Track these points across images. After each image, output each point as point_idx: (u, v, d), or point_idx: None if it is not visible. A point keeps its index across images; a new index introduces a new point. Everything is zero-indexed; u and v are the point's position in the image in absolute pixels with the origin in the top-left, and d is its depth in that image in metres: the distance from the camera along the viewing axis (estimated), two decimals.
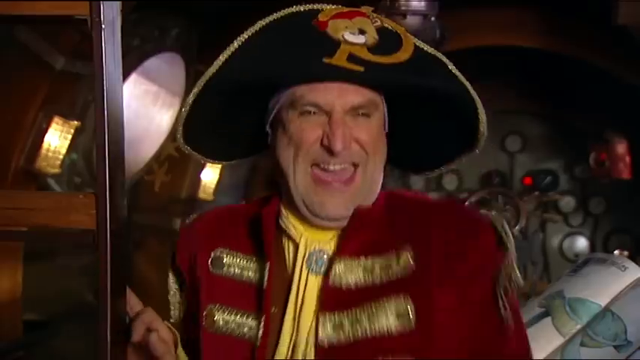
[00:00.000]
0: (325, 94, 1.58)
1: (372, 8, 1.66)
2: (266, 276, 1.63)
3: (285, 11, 1.64)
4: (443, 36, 4.50)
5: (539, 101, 8.43)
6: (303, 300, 1.62)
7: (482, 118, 1.64)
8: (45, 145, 4.50)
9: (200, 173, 6.68)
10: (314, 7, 1.64)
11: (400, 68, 1.58)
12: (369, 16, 1.63)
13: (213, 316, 1.66)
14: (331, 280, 1.60)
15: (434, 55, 1.65)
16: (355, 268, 1.61)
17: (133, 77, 5.40)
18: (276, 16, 1.64)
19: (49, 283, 5.23)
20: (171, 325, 1.69)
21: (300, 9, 1.64)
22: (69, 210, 1.53)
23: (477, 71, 8.60)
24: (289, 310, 1.62)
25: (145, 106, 5.78)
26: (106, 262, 1.51)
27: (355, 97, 1.59)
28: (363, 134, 1.60)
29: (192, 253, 1.74)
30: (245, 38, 1.62)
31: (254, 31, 1.63)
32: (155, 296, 1.85)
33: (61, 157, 4.60)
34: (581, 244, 9.08)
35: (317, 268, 1.63)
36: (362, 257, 1.61)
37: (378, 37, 1.59)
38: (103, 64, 1.49)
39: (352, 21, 1.60)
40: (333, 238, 1.65)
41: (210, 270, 1.70)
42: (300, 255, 1.64)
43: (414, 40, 1.64)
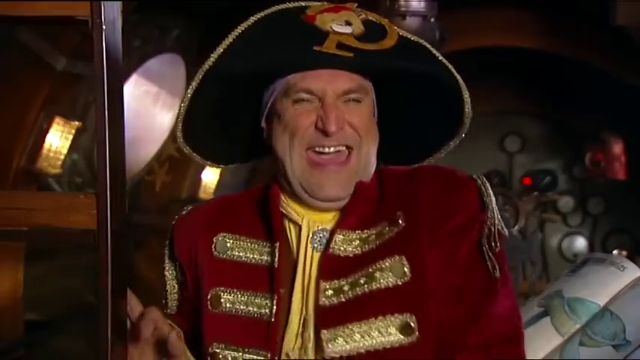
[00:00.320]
0: (317, 80, 1.64)
1: (357, 4, 1.73)
2: (277, 255, 1.68)
3: (275, 8, 1.70)
4: (442, 37, 4.50)
5: (539, 102, 8.44)
6: (309, 277, 1.67)
7: (466, 98, 1.70)
8: (46, 145, 4.51)
9: (201, 173, 6.69)
10: (301, 4, 1.71)
11: (387, 54, 1.65)
12: (354, 10, 1.70)
13: (219, 298, 1.70)
14: (330, 250, 1.65)
15: (417, 41, 1.72)
16: (353, 240, 1.67)
17: (134, 78, 5.41)
18: (267, 12, 1.70)
19: (49, 283, 5.24)
20: (165, 316, 1.70)
21: (288, 6, 1.71)
22: (70, 210, 1.54)
23: (477, 72, 8.66)
24: (297, 289, 1.67)
25: (146, 107, 5.78)
26: (106, 262, 1.51)
27: (346, 82, 1.65)
28: (355, 118, 1.66)
29: (193, 243, 1.77)
30: (239, 32, 1.68)
31: (247, 25, 1.69)
32: (155, 296, 1.86)
33: (61, 157, 4.61)
34: (580, 244, 9.09)
35: (321, 247, 1.68)
36: (358, 231, 1.67)
37: (364, 28, 1.66)
38: (104, 65, 1.50)
39: (339, 14, 1.66)
40: (335, 217, 1.71)
41: (214, 255, 1.73)
42: (304, 235, 1.69)
43: (398, 30, 1.71)
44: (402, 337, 1.60)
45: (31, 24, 3.53)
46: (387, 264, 1.63)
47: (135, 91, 5.58)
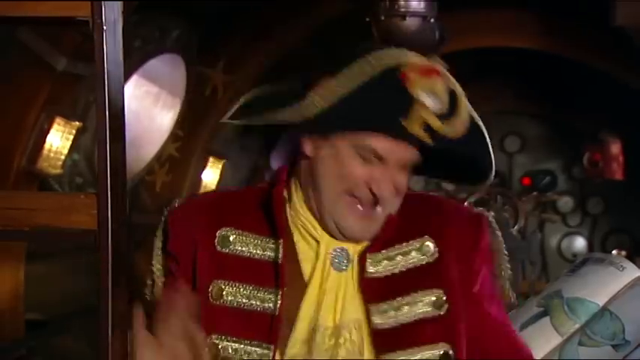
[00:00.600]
0: (386, 146, 1.69)
1: (445, 65, 1.76)
2: (281, 252, 1.72)
3: (382, 64, 1.70)
4: (442, 37, 4.49)
5: (538, 102, 8.44)
6: (325, 291, 1.72)
7: (490, 176, 1.78)
8: (47, 145, 4.51)
9: (201, 174, 6.69)
10: (401, 61, 1.71)
11: (459, 141, 1.71)
12: (441, 75, 1.73)
13: (221, 290, 1.73)
14: (367, 274, 1.73)
15: (477, 124, 1.76)
16: (381, 261, 1.74)
17: (134, 78, 5.41)
18: (375, 67, 1.70)
19: (50, 283, 5.24)
20: (149, 303, 1.73)
21: (391, 63, 1.70)
22: (70, 210, 1.54)
23: (476, 72, 8.63)
24: (310, 299, 1.72)
25: (146, 107, 5.79)
26: (107, 262, 1.52)
27: (409, 154, 1.72)
28: (401, 183, 1.73)
29: (192, 235, 1.79)
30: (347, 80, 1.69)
31: (353, 74, 1.70)
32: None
33: (62, 157, 4.61)
34: (580, 244, 9.09)
35: (340, 266, 1.74)
36: (383, 250, 1.75)
37: (447, 102, 1.70)
38: (105, 65, 1.50)
39: (429, 80, 1.69)
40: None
41: (217, 248, 1.76)
42: (323, 252, 1.75)
43: (466, 103, 1.75)
44: None
45: (33, 25, 3.53)
46: (428, 297, 1.72)
47: (135, 91, 5.58)
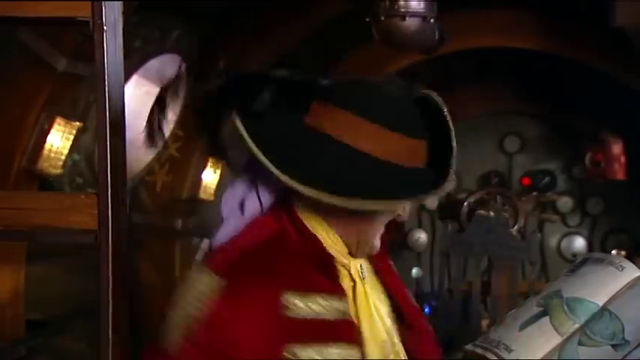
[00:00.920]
0: None
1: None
2: (349, 310, 1.82)
3: None
4: (442, 37, 4.50)
5: (538, 102, 8.44)
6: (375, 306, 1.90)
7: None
8: (47, 145, 4.51)
9: (201, 174, 6.69)
10: None
11: None
12: None
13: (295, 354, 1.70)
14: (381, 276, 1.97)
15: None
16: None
17: (134, 78, 5.41)
18: None
19: (50, 283, 5.24)
20: None
21: None
22: (71, 210, 1.55)
23: (476, 72, 8.58)
24: (367, 313, 1.85)
25: (147, 108, 5.77)
26: (107, 262, 1.52)
27: None
28: None
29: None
30: None
31: None
32: (155, 296, 1.87)
33: (62, 157, 4.61)
34: (579, 244, 9.09)
35: (364, 277, 1.91)
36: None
37: None
38: (105, 66, 1.51)
39: None
40: None
41: (283, 314, 1.70)
42: (354, 271, 1.87)
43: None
44: None
45: (33, 25, 3.53)
46: None
47: (135, 91, 5.57)
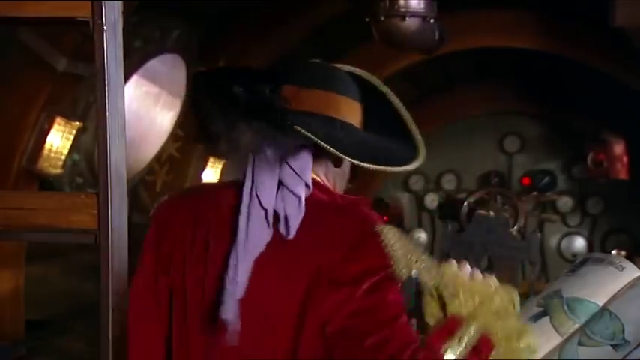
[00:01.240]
0: None
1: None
2: None
3: None
4: (442, 37, 4.50)
5: (538, 102, 8.43)
6: None
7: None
8: (47, 145, 4.51)
9: (201, 173, 6.69)
10: None
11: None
12: None
13: None
14: None
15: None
16: None
17: (135, 78, 5.41)
18: None
19: (50, 283, 5.25)
20: None
21: None
22: (71, 210, 1.55)
23: (476, 72, 8.57)
24: None
25: (147, 108, 5.78)
26: (107, 262, 1.53)
27: None
28: None
29: None
30: None
31: None
32: None
33: (62, 157, 4.61)
34: (579, 243, 9.09)
35: None
36: None
37: None
38: (105, 66, 1.51)
39: None
40: None
41: None
42: None
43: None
44: None
45: (34, 25, 3.53)
46: None
47: (135, 91, 5.58)
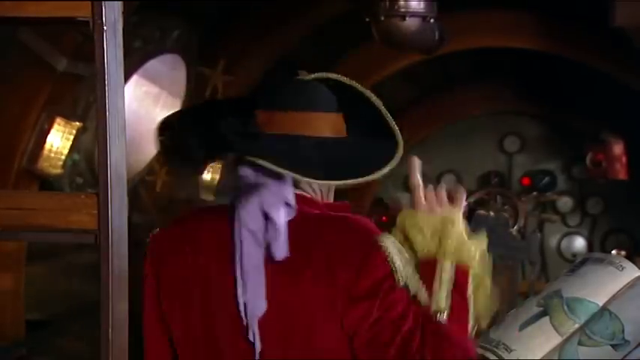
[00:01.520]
0: None
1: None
2: None
3: None
4: (442, 37, 4.50)
5: (538, 102, 8.43)
6: None
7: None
8: (47, 145, 4.51)
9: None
10: None
11: None
12: None
13: None
14: None
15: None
16: None
17: (135, 79, 5.41)
18: None
19: (50, 283, 5.25)
20: None
21: None
22: (71, 210, 1.55)
23: (476, 72, 8.56)
24: None
25: (146, 108, 5.78)
26: (107, 262, 1.52)
27: None
28: None
29: None
30: None
31: None
32: None
33: (62, 157, 4.61)
34: (579, 244, 9.08)
35: None
36: None
37: None
38: (105, 66, 1.51)
39: None
40: None
41: None
42: None
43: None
44: None
45: (34, 25, 3.53)
46: None
47: (135, 91, 5.58)
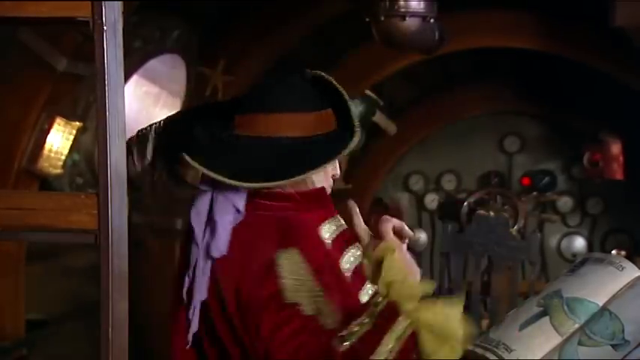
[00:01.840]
0: None
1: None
2: None
3: None
4: (442, 37, 4.50)
5: (538, 102, 8.43)
6: None
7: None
8: (47, 145, 4.51)
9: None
10: None
11: None
12: None
13: None
14: None
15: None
16: None
17: (134, 78, 5.41)
18: None
19: (50, 283, 5.25)
20: None
21: None
22: (71, 210, 1.55)
23: (476, 72, 8.55)
24: None
25: (147, 108, 5.78)
26: (107, 262, 1.52)
27: None
28: None
29: None
30: None
31: None
32: (155, 295, 1.87)
33: (62, 157, 4.61)
34: (579, 244, 9.08)
35: None
36: None
37: None
38: (105, 66, 1.51)
39: None
40: None
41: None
42: None
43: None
44: None
45: (34, 25, 3.54)
46: None
47: (135, 91, 5.58)
